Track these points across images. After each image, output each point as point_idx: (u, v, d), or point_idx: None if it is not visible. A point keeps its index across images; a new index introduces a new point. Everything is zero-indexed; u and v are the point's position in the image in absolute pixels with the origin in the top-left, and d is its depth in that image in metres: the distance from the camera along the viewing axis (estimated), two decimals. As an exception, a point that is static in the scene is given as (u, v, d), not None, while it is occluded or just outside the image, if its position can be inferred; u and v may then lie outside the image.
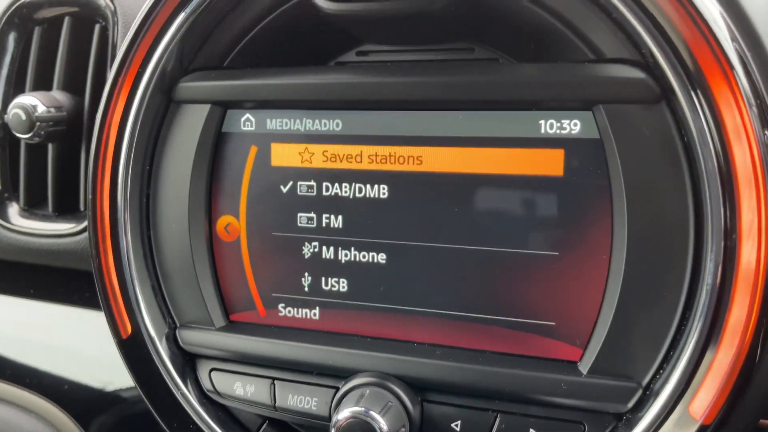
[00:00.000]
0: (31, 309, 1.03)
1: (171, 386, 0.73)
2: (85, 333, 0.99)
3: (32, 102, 0.89)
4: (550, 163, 0.60)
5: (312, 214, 0.69)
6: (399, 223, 0.65)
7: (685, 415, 0.55)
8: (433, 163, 0.64)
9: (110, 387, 0.96)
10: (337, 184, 0.67)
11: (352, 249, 0.68)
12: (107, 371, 0.96)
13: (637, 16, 0.54)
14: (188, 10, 0.68)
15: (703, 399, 0.54)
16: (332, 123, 0.67)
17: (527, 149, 0.61)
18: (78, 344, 1.00)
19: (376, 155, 0.66)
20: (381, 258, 0.67)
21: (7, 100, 0.96)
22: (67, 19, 0.96)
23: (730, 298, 0.53)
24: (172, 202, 0.72)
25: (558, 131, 0.60)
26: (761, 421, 0.59)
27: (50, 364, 0.98)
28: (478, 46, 0.67)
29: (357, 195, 0.67)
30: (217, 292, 0.73)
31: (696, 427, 0.54)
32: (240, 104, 0.69)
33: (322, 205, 0.68)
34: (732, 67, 0.52)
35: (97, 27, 0.94)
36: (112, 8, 0.91)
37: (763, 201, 0.51)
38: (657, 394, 0.56)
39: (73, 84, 0.95)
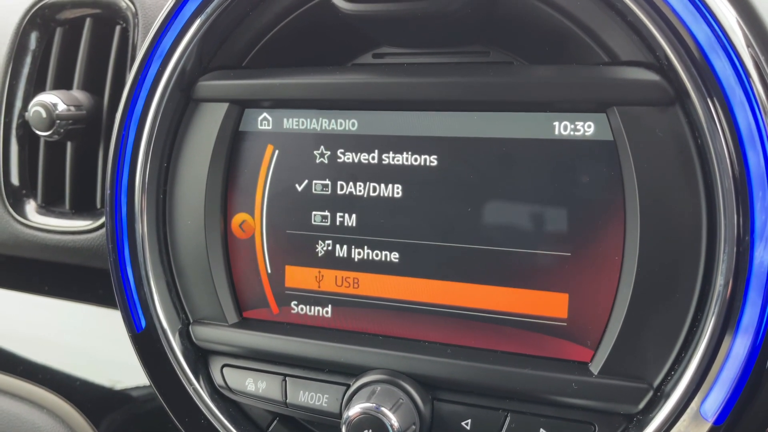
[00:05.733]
0: (44, 306, 1.04)
1: (183, 381, 0.73)
2: (98, 330, 1.00)
3: (53, 100, 0.90)
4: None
5: (326, 213, 0.69)
6: (412, 223, 0.66)
7: (696, 416, 0.55)
8: (448, 163, 0.64)
9: (121, 384, 0.96)
10: (351, 183, 0.68)
11: (366, 248, 0.68)
12: (119, 369, 0.97)
13: (653, 19, 0.55)
14: (209, 10, 0.69)
15: (715, 400, 0.54)
16: (348, 123, 0.68)
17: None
18: (90, 341, 1.01)
19: (391, 155, 0.66)
20: (394, 257, 0.67)
21: (28, 98, 0.98)
22: (88, 21, 0.97)
23: (742, 299, 0.53)
24: (188, 199, 0.72)
25: (572, 133, 0.60)
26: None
27: (62, 360, 0.99)
28: (493, 49, 0.68)
29: (371, 194, 0.67)
30: (231, 289, 0.73)
31: (707, 428, 0.54)
32: (258, 103, 0.70)
33: (337, 203, 0.69)
34: (747, 72, 0.53)
35: (117, 28, 0.96)
36: (134, 10, 0.92)
37: (777, 203, 0.52)
38: (668, 395, 0.56)
39: (93, 84, 0.97)
